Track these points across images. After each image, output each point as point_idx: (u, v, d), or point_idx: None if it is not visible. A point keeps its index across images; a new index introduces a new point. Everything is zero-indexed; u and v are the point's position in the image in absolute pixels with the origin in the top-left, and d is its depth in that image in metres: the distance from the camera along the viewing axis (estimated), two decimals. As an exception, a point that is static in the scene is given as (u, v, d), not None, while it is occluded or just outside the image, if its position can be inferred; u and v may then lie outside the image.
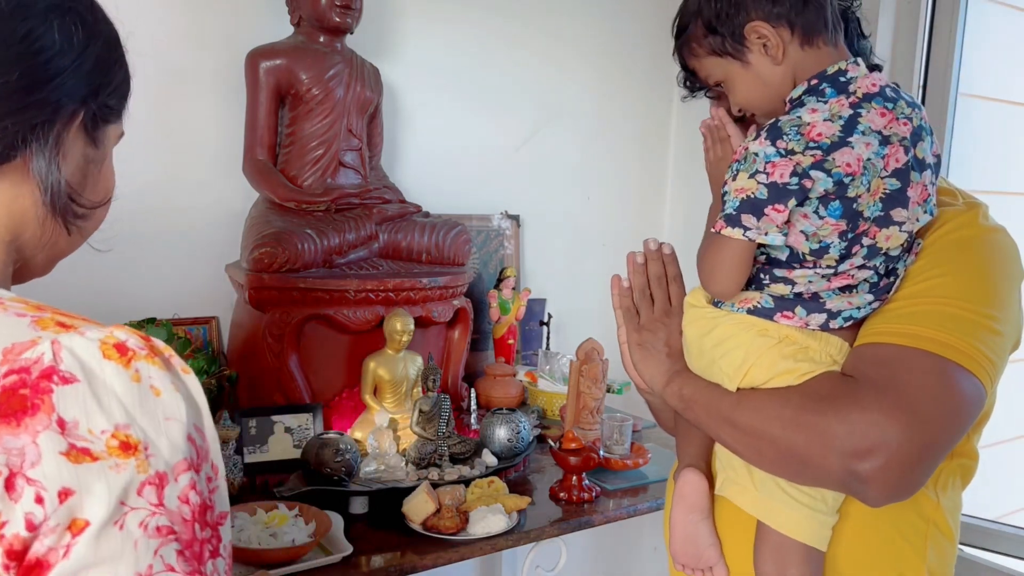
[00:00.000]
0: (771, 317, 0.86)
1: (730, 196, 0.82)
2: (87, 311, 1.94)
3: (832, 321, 0.85)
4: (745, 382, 0.85)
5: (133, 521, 0.48)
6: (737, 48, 0.87)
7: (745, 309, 0.88)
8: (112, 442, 0.48)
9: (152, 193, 1.77)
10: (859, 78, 0.83)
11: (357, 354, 1.67)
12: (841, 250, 0.81)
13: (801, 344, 0.85)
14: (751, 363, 0.84)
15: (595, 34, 2.40)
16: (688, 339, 0.95)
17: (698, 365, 0.93)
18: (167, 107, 1.78)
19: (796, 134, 0.80)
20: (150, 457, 0.49)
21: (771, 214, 0.79)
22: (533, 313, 2.26)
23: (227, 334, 1.86)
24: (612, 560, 2.55)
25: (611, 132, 2.49)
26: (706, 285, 0.89)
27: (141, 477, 0.48)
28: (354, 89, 1.81)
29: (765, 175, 0.79)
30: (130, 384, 0.50)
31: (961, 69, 1.95)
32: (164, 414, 0.51)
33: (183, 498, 0.50)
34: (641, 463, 1.64)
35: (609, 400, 1.89)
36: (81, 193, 0.66)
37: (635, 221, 2.59)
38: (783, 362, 0.83)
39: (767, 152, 0.80)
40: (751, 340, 0.86)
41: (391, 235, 1.80)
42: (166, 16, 1.74)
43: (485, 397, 1.92)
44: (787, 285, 0.85)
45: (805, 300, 0.85)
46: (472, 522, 1.32)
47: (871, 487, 0.76)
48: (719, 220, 0.83)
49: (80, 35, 0.63)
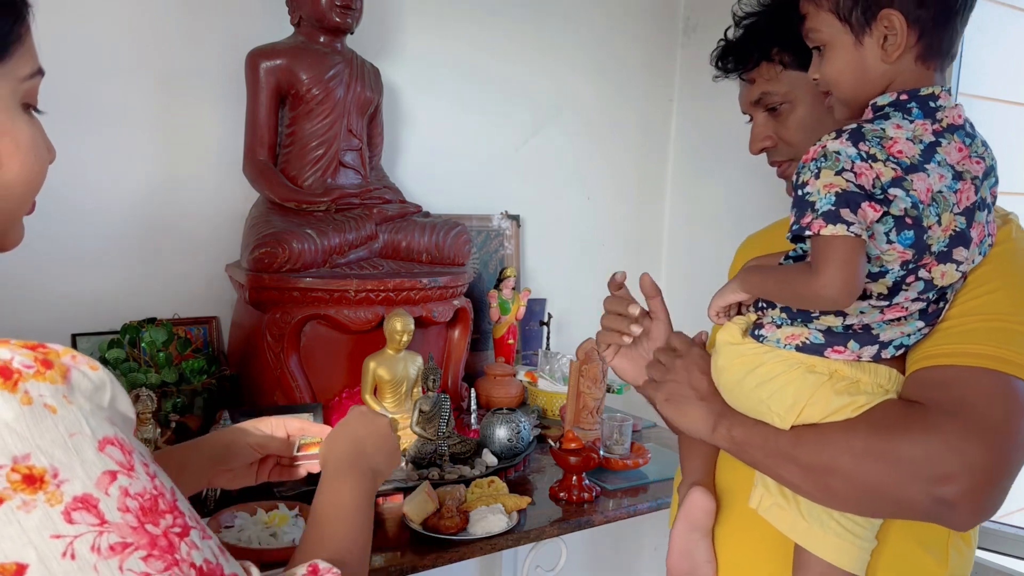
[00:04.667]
0: (822, 353, 0.82)
1: (819, 193, 0.75)
2: (86, 311, 1.94)
3: (884, 351, 0.82)
4: (799, 421, 0.81)
5: (83, 547, 0.44)
6: (861, 23, 0.81)
7: (793, 346, 0.84)
8: (13, 476, 0.43)
9: (152, 193, 1.77)
10: (947, 108, 0.79)
11: (357, 354, 1.67)
12: (897, 277, 0.78)
13: (852, 378, 0.82)
14: (804, 402, 0.81)
15: (595, 34, 2.41)
16: (728, 380, 0.90)
17: (744, 406, 0.88)
18: (167, 107, 1.78)
19: (878, 144, 0.76)
20: (63, 484, 0.45)
21: (867, 210, 0.74)
22: (533, 313, 2.26)
23: (227, 334, 1.86)
24: (612, 560, 2.55)
25: (611, 132, 2.49)
26: (816, 299, 0.79)
27: (58, 508, 0.44)
28: (354, 89, 1.81)
29: (853, 175, 0.74)
30: (20, 408, 0.44)
31: (962, 69, 1.95)
32: (67, 431, 0.46)
33: (123, 508, 0.47)
34: (641, 463, 1.64)
35: (609, 400, 1.89)
36: None
37: (635, 221, 2.59)
38: (837, 398, 0.80)
39: (849, 152, 0.75)
40: (801, 378, 0.82)
41: (391, 235, 1.80)
42: (166, 17, 1.74)
43: (485, 397, 1.92)
44: (838, 317, 0.81)
45: (857, 332, 0.81)
46: (472, 522, 1.32)
47: (959, 511, 0.73)
48: (815, 221, 0.75)
49: None
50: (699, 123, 2.52)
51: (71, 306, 1.68)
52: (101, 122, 1.70)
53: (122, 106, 1.72)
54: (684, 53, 2.54)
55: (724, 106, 2.44)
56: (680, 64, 2.55)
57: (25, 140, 0.60)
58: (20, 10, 0.58)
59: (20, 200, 0.61)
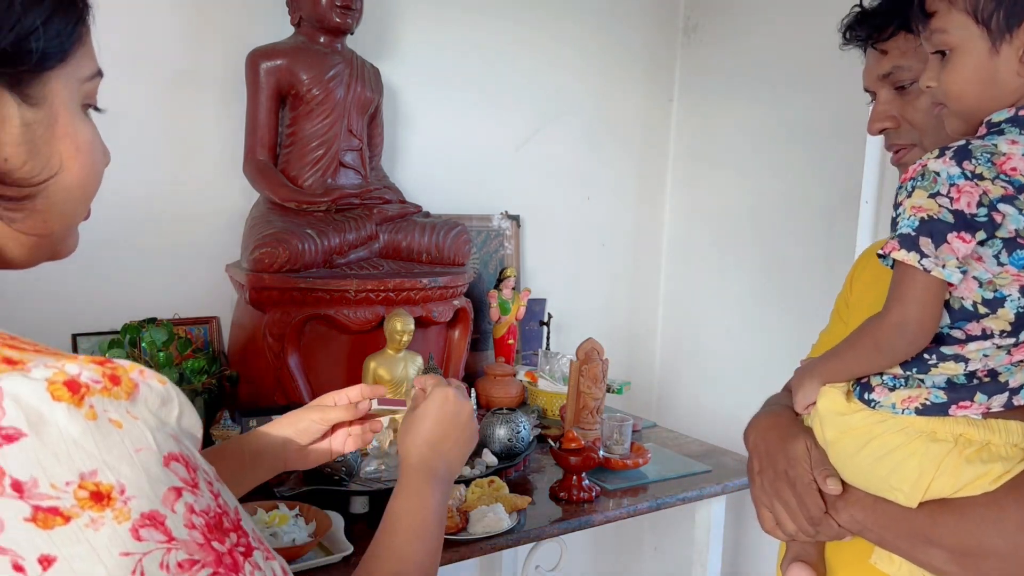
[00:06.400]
0: (946, 412, 0.74)
1: (905, 214, 0.70)
2: (87, 311, 1.94)
3: (1015, 397, 0.73)
4: (926, 497, 0.74)
5: (151, 564, 0.44)
6: (1002, 29, 0.71)
7: (912, 410, 0.75)
8: (81, 493, 0.42)
9: (153, 193, 1.77)
10: None
11: (357, 354, 1.67)
12: (1019, 307, 0.70)
13: (981, 442, 0.74)
14: (931, 476, 0.73)
15: (595, 34, 2.41)
16: (839, 454, 0.81)
17: (861, 482, 0.80)
18: (168, 107, 1.78)
19: (988, 161, 0.69)
20: (129, 500, 0.44)
21: (954, 243, 0.68)
22: (533, 313, 2.27)
23: (227, 334, 1.86)
24: (612, 560, 2.55)
25: (611, 132, 2.49)
26: (892, 335, 0.74)
27: (126, 525, 0.43)
28: (354, 89, 1.82)
29: (948, 199, 0.68)
30: (86, 424, 0.44)
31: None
32: (132, 446, 0.45)
33: (189, 525, 0.46)
34: (641, 463, 1.64)
35: (609, 400, 1.89)
36: (19, 167, 0.54)
37: (635, 221, 2.59)
38: (969, 467, 0.72)
39: (951, 173, 0.69)
40: (924, 449, 0.74)
41: (391, 235, 1.80)
42: (167, 17, 1.74)
43: (485, 397, 1.92)
44: (959, 363, 0.73)
45: (983, 382, 0.73)
46: (472, 522, 1.33)
47: None
48: (891, 240, 0.71)
49: None
50: (699, 123, 2.52)
51: (71, 306, 1.68)
52: (101, 122, 1.68)
53: (122, 106, 1.71)
54: (684, 53, 2.54)
55: (724, 106, 2.45)
56: (680, 64, 2.55)
57: (85, 142, 0.59)
58: (81, 11, 0.57)
59: (79, 204, 0.60)
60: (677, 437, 1.93)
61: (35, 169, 0.55)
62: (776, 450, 0.87)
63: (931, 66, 0.78)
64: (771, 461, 0.88)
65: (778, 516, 0.86)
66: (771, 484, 0.87)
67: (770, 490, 0.87)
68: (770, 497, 0.87)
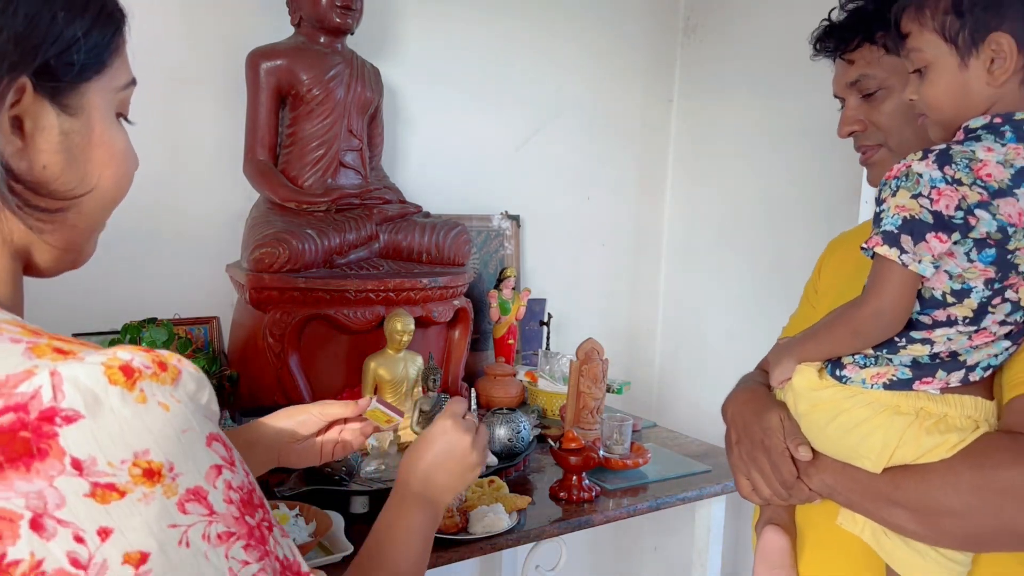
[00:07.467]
0: (910, 387, 0.81)
1: (889, 212, 0.76)
2: (87, 311, 1.94)
3: (971, 374, 0.81)
4: (891, 463, 0.81)
5: (195, 535, 0.47)
6: (968, 45, 0.78)
7: (880, 384, 0.83)
8: (135, 471, 0.46)
9: (153, 193, 1.77)
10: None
11: (357, 354, 1.67)
12: (983, 298, 0.77)
13: (939, 415, 0.80)
14: (894, 445, 0.80)
15: (595, 34, 2.41)
16: (810, 426, 0.88)
17: (830, 451, 0.87)
18: (168, 107, 1.78)
19: (966, 167, 0.75)
20: (177, 477, 0.48)
21: (932, 241, 0.74)
22: (533, 313, 2.27)
23: (228, 334, 1.86)
24: (612, 560, 2.55)
25: (611, 132, 2.49)
26: (869, 322, 0.81)
27: (173, 500, 0.47)
28: (354, 89, 1.82)
29: (929, 200, 0.74)
30: (137, 407, 0.47)
31: None
32: (179, 427, 0.49)
33: (227, 500, 0.50)
34: (641, 463, 1.64)
35: (609, 400, 1.89)
36: (57, 177, 0.56)
37: (635, 221, 2.59)
38: (928, 437, 0.79)
39: (933, 176, 0.75)
40: (888, 421, 0.81)
41: (391, 235, 1.80)
42: (166, 17, 1.75)
43: (485, 397, 1.92)
44: (925, 345, 0.80)
45: (944, 361, 0.80)
46: (472, 522, 1.33)
47: None
48: (874, 235, 0.77)
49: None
50: (699, 123, 2.52)
51: (71, 306, 1.68)
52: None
53: (122, 106, 1.72)
54: (684, 53, 2.54)
55: (724, 106, 2.45)
56: (680, 64, 2.55)
57: (119, 150, 0.61)
58: (119, 21, 0.59)
59: (108, 210, 0.64)
60: (677, 437, 1.94)
61: (71, 182, 0.57)
62: (752, 422, 0.95)
63: (912, 81, 0.85)
64: (748, 432, 0.95)
65: (754, 482, 0.93)
66: (748, 453, 0.94)
67: (747, 458, 0.95)
68: (747, 465, 0.95)
